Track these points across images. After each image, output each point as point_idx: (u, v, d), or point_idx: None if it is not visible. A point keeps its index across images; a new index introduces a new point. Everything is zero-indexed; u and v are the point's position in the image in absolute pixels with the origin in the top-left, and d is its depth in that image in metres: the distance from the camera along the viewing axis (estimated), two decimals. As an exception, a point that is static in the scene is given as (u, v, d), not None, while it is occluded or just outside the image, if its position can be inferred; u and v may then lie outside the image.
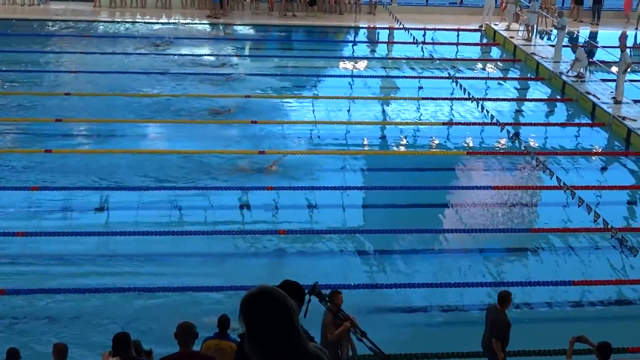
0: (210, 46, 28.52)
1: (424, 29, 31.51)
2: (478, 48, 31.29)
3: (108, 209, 16.60)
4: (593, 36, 32.34)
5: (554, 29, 29.10)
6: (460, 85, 22.11)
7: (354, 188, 18.13)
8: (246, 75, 25.02)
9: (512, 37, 30.06)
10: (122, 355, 8.24)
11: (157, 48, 27.52)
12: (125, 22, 31.42)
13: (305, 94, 24.61)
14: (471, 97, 21.62)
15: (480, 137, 21.37)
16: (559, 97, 25.12)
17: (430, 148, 20.81)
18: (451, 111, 23.24)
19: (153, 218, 16.09)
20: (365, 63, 28.28)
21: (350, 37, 32.44)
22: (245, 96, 22.89)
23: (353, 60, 28.97)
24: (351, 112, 23.01)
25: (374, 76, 26.52)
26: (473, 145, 20.94)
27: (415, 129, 21.89)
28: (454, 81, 23.47)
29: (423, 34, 31.06)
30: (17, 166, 17.91)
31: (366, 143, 21.01)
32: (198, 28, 31.43)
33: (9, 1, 32.69)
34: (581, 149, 21.16)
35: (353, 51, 30.94)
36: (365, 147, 20.78)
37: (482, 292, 13.80)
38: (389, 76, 26.75)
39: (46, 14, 32.05)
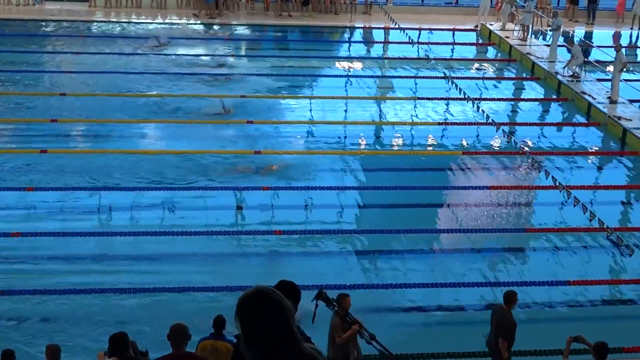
0: (205, 46, 28.47)
1: (420, 29, 31.52)
2: (474, 48, 31.31)
3: (104, 210, 16.56)
4: (588, 36, 32.40)
5: (549, 30, 29.09)
6: (455, 85, 22.12)
7: (350, 188, 18.12)
8: (242, 75, 25.02)
9: (508, 37, 30.07)
10: (120, 355, 8.22)
11: (154, 48, 27.46)
12: (120, 22, 31.39)
13: (301, 94, 24.61)
14: (467, 97, 21.64)
15: (476, 137, 21.38)
16: (555, 97, 25.14)
17: (426, 148, 20.82)
18: (447, 111, 23.25)
19: (149, 218, 16.08)
20: (360, 63, 28.28)
21: (345, 37, 32.44)
22: (240, 96, 22.88)
23: (349, 60, 28.97)
24: (347, 112, 23.01)
25: (370, 76, 26.53)
26: (469, 145, 20.95)
27: (411, 129, 21.89)
28: (450, 81, 23.47)
29: (418, 34, 31.06)
30: (13, 166, 17.88)
31: (362, 143, 21.00)
32: (193, 28, 31.38)
33: (4, 1, 32.62)
34: (577, 149, 21.18)
35: (349, 51, 30.95)
36: (360, 147, 20.77)
37: (478, 292, 13.82)
38: (385, 76, 26.77)
39: (41, 14, 31.98)
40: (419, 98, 23.96)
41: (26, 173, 17.56)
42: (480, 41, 31.74)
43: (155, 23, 31.42)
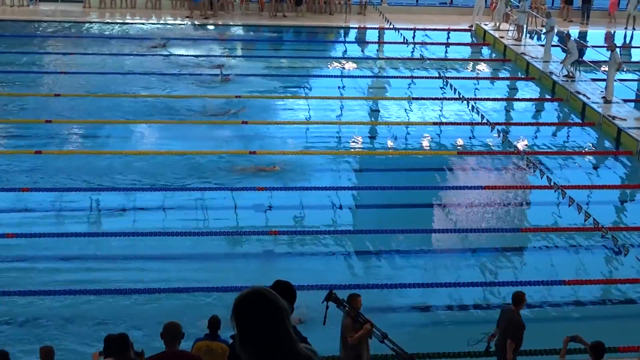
0: (200, 47, 28.43)
1: (414, 29, 31.53)
2: (468, 48, 31.32)
3: (99, 210, 16.55)
4: (582, 36, 32.44)
5: (543, 30, 29.10)
6: (450, 85, 22.14)
7: (346, 188, 18.13)
8: (236, 75, 24.99)
9: (502, 37, 30.10)
10: (120, 356, 8.19)
11: (151, 49, 27.43)
12: (115, 23, 31.34)
13: (295, 94, 24.58)
14: (461, 97, 21.65)
15: (470, 137, 21.39)
16: (549, 97, 25.17)
17: (421, 148, 20.82)
18: (442, 111, 23.27)
19: (144, 219, 16.05)
20: (355, 63, 28.27)
21: (340, 38, 32.43)
22: (235, 97, 22.86)
23: (343, 60, 28.96)
24: (342, 113, 23.00)
25: (365, 76, 26.53)
26: (464, 145, 20.97)
27: (406, 129, 21.91)
28: (445, 81, 23.50)
29: (413, 34, 31.08)
30: (7, 167, 17.84)
31: (357, 143, 21.00)
32: (188, 29, 31.33)
33: (-2, 2, 32.59)
34: (571, 149, 21.20)
35: (343, 51, 30.93)
36: (356, 148, 20.77)
37: (474, 292, 13.83)
38: (380, 76, 26.78)
39: (35, 15, 31.93)
40: (414, 98, 23.97)
41: (21, 174, 17.52)
42: (475, 41, 31.77)
43: (149, 24, 31.37)
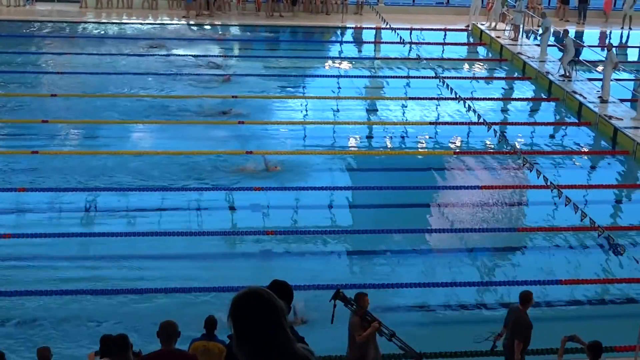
0: (197, 47, 28.41)
1: (411, 29, 31.54)
2: (465, 48, 31.35)
3: (95, 210, 16.53)
4: (579, 35, 32.45)
5: (539, 34, 29.10)
6: (447, 85, 22.14)
7: (343, 188, 18.13)
8: (233, 75, 24.98)
9: (499, 37, 30.12)
10: (120, 356, 8.18)
11: (148, 49, 27.40)
12: (111, 23, 31.31)
13: (292, 94, 24.58)
14: (458, 97, 21.66)
15: (467, 137, 21.40)
16: (546, 97, 25.18)
17: (417, 148, 20.82)
18: (438, 111, 23.27)
19: (141, 219, 16.04)
20: (352, 63, 28.27)
21: (337, 37, 32.43)
22: (232, 97, 22.85)
23: (340, 60, 28.97)
24: (338, 112, 23.00)
25: (361, 76, 26.52)
26: (460, 145, 20.97)
27: (402, 129, 21.91)
28: (441, 81, 23.50)
29: (410, 34, 31.08)
30: (4, 167, 17.82)
31: (354, 143, 21.00)
32: (184, 29, 31.30)
33: (-5, 2, 32.54)
34: (568, 149, 21.22)
35: (340, 51, 30.95)
36: (353, 147, 20.77)
37: (471, 292, 13.84)
38: (376, 76, 26.78)
39: (32, 15, 31.88)
40: (411, 98, 23.98)
41: (17, 174, 17.49)
42: (471, 41, 31.78)
43: (146, 24, 31.33)
